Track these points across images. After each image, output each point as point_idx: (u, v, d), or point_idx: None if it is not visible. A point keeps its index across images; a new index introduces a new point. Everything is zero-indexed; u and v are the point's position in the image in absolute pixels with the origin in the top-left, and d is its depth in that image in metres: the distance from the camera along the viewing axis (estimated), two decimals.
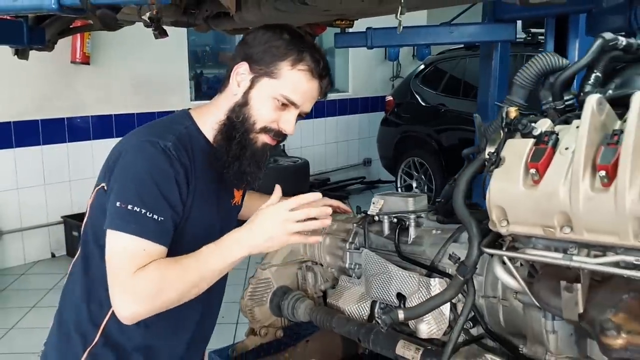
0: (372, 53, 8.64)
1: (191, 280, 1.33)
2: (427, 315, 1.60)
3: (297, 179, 6.65)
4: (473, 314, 1.51)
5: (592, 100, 1.04)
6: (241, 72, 1.45)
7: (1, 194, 5.30)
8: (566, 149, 1.08)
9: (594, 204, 1.01)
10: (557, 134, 1.12)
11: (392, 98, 7.49)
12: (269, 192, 1.63)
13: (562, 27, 3.49)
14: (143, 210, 1.31)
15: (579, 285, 1.05)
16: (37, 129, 5.51)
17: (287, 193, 1.49)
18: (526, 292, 1.20)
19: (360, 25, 3.59)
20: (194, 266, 1.34)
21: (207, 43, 7.82)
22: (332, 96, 8.58)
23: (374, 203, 1.90)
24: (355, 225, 1.96)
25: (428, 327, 1.60)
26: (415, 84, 7.11)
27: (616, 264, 1.03)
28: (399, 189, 7.10)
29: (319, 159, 8.14)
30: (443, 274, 1.60)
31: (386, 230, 1.84)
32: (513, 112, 1.22)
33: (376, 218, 1.88)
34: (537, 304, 1.24)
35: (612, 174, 0.99)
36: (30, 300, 4.69)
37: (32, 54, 3.54)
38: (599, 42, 1.21)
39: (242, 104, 1.45)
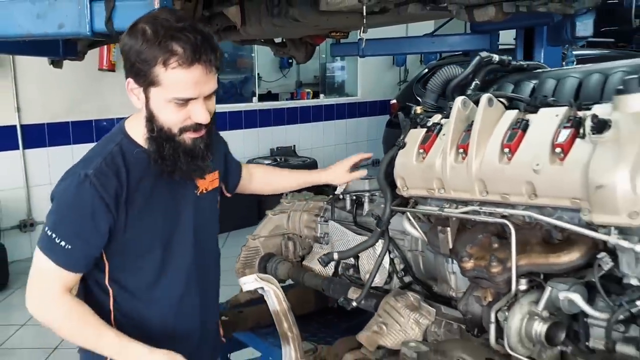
0: (380, 59, 9.12)
1: (83, 344, 1.50)
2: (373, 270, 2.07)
3: None
4: (404, 265, 1.97)
5: (458, 101, 1.51)
6: (132, 88, 1.45)
7: (36, 189, 5.88)
8: (443, 135, 1.54)
9: (456, 171, 1.47)
10: (441, 125, 1.58)
11: (396, 101, 7.92)
12: None
13: (530, 37, 3.90)
14: (54, 236, 1.43)
15: (448, 229, 1.52)
16: (68, 130, 6.08)
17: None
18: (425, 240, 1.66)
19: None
20: (92, 341, 1.47)
21: (225, 50, 8.34)
22: (341, 100, 9.08)
23: (340, 185, 2.37)
24: (325, 203, 2.44)
25: None
26: (418, 88, 7.53)
27: (476, 213, 1.49)
28: None
29: (329, 159, 8.55)
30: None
31: (348, 206, 2.31)
32: (419, 110, 1.69)
33: (341, 197, 2.34)
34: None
35: (467, 151, 1.45)
36: None
37: (65, 62, 4.09)
38: (477, 58, 1.67)
39: (150, 118, 1.45)
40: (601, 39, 7.99)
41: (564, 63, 3.30)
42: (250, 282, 1.39)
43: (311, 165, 7.39)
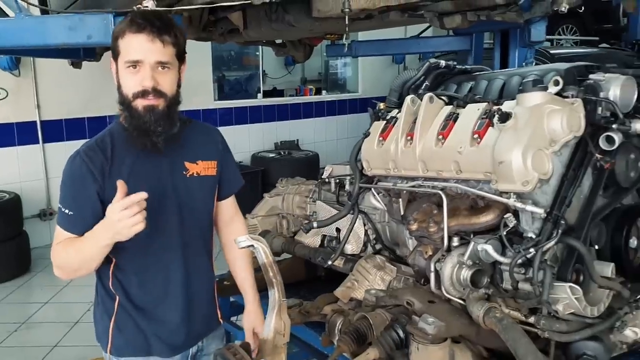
0: (381, 58, 9.49)
1: (80, 257, 1.71)
2: (351, 239, 2.47)
3: (308, 169, 7.55)
4: (375, 234, 2.37)
5: (408, 99, 1.91)
6: (113, 67, 1.74)
7: (55, 180, 6.32)
8: (397, 126, 1.94)
9: (405, 154, 1.87)
10: (397, 118, 1.98)
11: None
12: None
13: (506, 39, 4.26)
14: (61, 207, 1.74)
15: (400, 199, 1.92)
16: (84, 126, 6.51)
17: None
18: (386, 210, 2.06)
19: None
20: (78, 248, 1.70)
21: (232, 48, 8.72)
22: (343, 96, 9.46)
23: (326, 170, 2.77)
24: (314, 185, 2.84)
25: (351, 246, 2.46)
26: None
27: (420, 186, 1.88)
28: None
29: (331, 153, 8.99)
30: (362, 212, 2.46)
31: (332, 188, 2.71)
32: (382, 105, 2.09)
33: (327, 180, 2.74)
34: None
35: (413, 138, 1.85)
36: None
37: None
38: (426, 64, 2.07)
39: (119, 87, 1.73)
40: (587, 37, 8.36)
41: (524, 63, 3.66)
42: (244, 241, 1.76)
43: (313, 158, 7.78)
